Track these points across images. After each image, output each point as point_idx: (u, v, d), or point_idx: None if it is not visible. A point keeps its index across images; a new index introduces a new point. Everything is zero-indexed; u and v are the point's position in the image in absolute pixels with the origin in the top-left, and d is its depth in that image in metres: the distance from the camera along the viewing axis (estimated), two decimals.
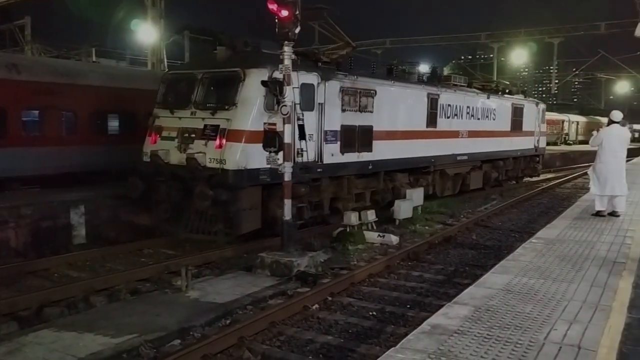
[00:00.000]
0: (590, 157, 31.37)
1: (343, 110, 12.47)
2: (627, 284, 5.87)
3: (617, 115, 10.26)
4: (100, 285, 8.63)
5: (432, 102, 15.97)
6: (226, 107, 10.54)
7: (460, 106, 17.41)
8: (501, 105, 20.32)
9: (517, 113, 21.44)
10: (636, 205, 11.56)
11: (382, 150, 13.74)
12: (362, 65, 14.96)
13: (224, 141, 10.32)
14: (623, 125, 10.38)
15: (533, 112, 22.96)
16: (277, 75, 9.81)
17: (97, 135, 14.88)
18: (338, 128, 12.32)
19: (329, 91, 11.96)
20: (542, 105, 24.27)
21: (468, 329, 4.53)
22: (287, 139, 9.52)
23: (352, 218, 12.13)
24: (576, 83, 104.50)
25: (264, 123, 10.47)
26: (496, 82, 22.42)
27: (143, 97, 16.23)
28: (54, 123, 14.06)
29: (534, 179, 24.58)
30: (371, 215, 12.77)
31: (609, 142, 9.99)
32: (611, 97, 69.33)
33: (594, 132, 10.87)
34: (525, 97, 23.72)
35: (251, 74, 10.43)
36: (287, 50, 9.30)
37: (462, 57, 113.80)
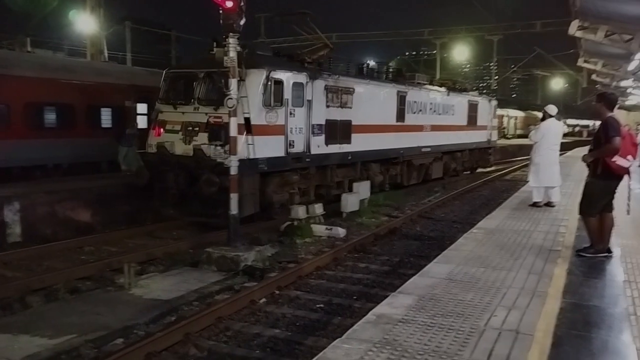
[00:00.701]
0: (528, 150, 32.06)
1: (327, 106, 13.58)
2: (561, 271, 6.12)
3: (552, 109, 10.60)
4: (37, 285, 8.24)
5: (401, 99, 17.32)
6: None
7: (424, 103, 18.85)
8: (459, 102, 21.86)
9: (473, 109, 23.10)
10: (569, 196, 12.09)
11: (360, 143, 14.95)
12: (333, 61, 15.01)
13: None
14: (558, 119, 10.78)
15: (486, 108, 24.67)
16: (274, 75, 11.53)
17: (32, 129, 14.23)
18: (323, 122, 13.43)
19: (316, 89, 13.07)
20: (494, 102, 26.12)
21: (412, 317, 4.60)
22: (232, 132, 9.39)
23: (300, 212, 12.11)
24: (514, 79, 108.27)
25: (211, 116, 10.56)
26: (453, 81, 24.04)
27: (83, 89, 15.69)
28: None
29: (487, 169, 26.20)
30: (319, 208, 12.79)
31: (548, 136, 10.34)
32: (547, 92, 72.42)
33: (532, 127, 11.23)
34: (479, 94, 25.82)
35: (251, 74, 11.35)
36: (232, 42, 9.16)
37: (407, 53, 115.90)
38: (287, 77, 12.13)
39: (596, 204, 6.63)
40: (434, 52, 46.65)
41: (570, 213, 9.95)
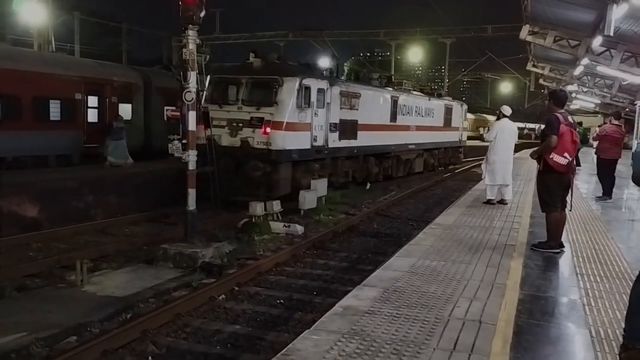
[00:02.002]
0: (479, 151, 33.53)
1: (341, 108, 16.58)
2: (517, 264, 6.32)
3: (507, 109, 10.93)
4: None
5: (394, 103, 20.56)
6: (269, 104, 14.05)
7: (411, 106, 22.09)
8: (437, 106, 25.45)
9: (448, 112, 26.70)
10: (520, 194, 12.51)
11: (363, 139, 17.93)
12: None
13: (268, 129, 13.91)
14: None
15: (458, 111, 28.30)
16: (304, 82, 14.49)
17: None
18: (337, 121, 16.36)
19: (333, 94, 16.10)
20: (465, 106, 29.99)
21: (378, 309, 4.64)
22: (191, 126, 9.25)
23: (258, 208, 12.03)
24: (465, 82, 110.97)
25: (169, 111, 10.63)
26: (430, 87, 28.56)
27: (29, 79, 15.06)
28: None
29: (457, 166, 29.41)
30: (276, 205, 12.75)
31: (502, 135, 10.60)
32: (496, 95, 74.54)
33: (484, 129, 11.63)
34: (452, 99, 29.48)
35: (287, 81, 14.23)
36: (192, 34, 9.02)
37: (361, 54, 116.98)
38: (313, 84, 15.04)
39: (549, 199, 6.81)
40: (388, 53, 47.23)
41: (522, 210, 10.29)
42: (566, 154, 6.50)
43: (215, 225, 11.98)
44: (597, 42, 13.37)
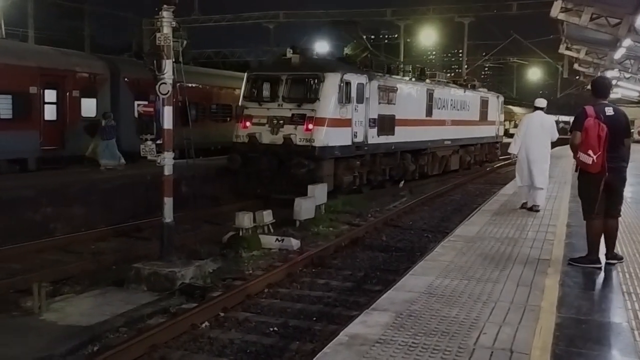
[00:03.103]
0: (505, 150, 34.19)
1: (379, 103, 18.57)
2: (553, 282, 6.31)
3: (539, 101, 11.11)
4: None
5: (430, 96, 22.59)
6: (311, 101, 16.15)
7: (446, 99, 24.24)
8: (473, 98, 27.61)
9: (484, 105, 28.96)
10: (555, 199, 12.52)
11: (401, 134, 19.95)
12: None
13: (311, 125, 15.87)
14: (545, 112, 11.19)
15: (494, 104, 30.61)
16: (346, 78, 16.62)
17: None
18: (376, 116, 18.35)
19: (372, 88, 18.07)
20: (501, 98, 32.60)
21: (391, 337, 4.63)
22: (167, 124, 9.25)
23: (245, 220, 12.05)
24: (486, 69, 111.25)
25: (140, 106, 11.50)
26: (464, 78, 30.72)
27: None
28: None
29: (494, 163, 31.71)
30: (267, 216, 12.76)
31: (530, 128, 10.75)
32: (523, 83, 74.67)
33: (509, 124, 11.87)
34: (488, 90, 32.57)
35: (329, 77, 16.32)
36: (167, 15, 9.06)
37: (365, 36, 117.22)
38: (354, 79, 17.07)
39: (586, 205, 6.90)
40: (396, 36, 47.40)
41: (557, 218, 10.29)
42: (590, 152, 6.56)
43: (197, 239, 11.94)
44: None
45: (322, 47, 55.23)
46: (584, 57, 28.07)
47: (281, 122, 16.16)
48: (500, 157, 32.59)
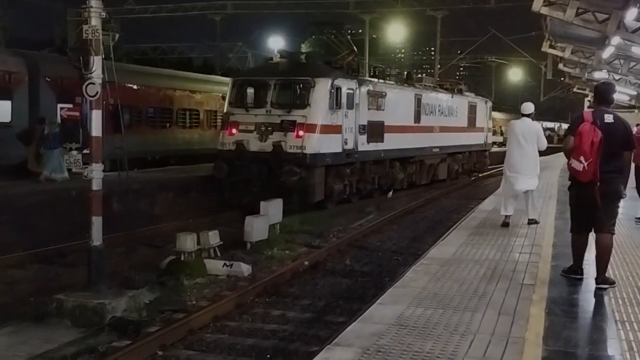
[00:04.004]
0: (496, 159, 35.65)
1: (368, 109, 20.29)
2: (539, 310, 6.40)
3: (525, 107, 11.55)
4: None
5: (418, 101, 24.48)
6: (301, 107, 17.85)
7: (434, 105, 26.07)
8: (461, 103, 29.40)
9: (472, 110, 30.71)
10: (539, 216, 12.72)
11: (390, 142, 21.61)
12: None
13: (301, 132, 17.41)
14: (532, 118, 11.57)
15: (483, 110, 32.41)
16: (336, 83, 18.37)
17: None
18: (365, 123, 20.03)
19: (362, 94, 19.87)
20: (489, 103, 34.41)
21: None
22: (95, 130, 9.12)
23: (188, 242, 11.89)
24: (462, 69, 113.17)
25: (64, 110, 11.26)
26: (450, 82, 32.35)
27: None
28: None
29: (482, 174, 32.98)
30: (213, 237, 12.63)
31: (511, 134, 11.36)
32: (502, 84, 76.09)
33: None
34: (475, 95, 34.04)
35: (319, 82, 17.98)
36: (95, 5, 8.95)
37: (325, 31, 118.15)
38: (344, 84, 18.78)
39: (574, 215, 7.46)
40: (360, 31, 47.87)
41: (542, 238, 10.47)
42: (582, 158, 6.85)
43: (131, 265, 11.83)
44: (631, 15, 13.76)
45: (276, 42, 55.69)
46: (569, 57, 28.76)
47: (270, 128, 17.72)
48: (489, 167, 34.36)
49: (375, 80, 21.69)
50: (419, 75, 28.64)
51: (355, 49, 21.82)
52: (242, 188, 17.82)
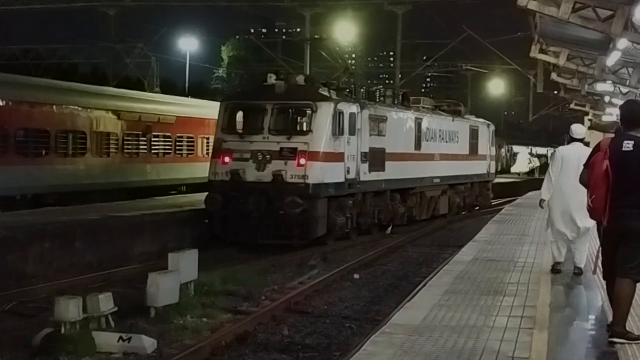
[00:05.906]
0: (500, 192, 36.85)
1: (370, 135, 23.44)
2: None
3: (577, 130, 12.20)
4: None
5: (418, 126, 27.83)
6: (303, 133, 20.98)
7: (434, 129, 29.34)
8: (462, 128, 32.81)
9: (474, 135, 34.00)
10: (531, 269, 12.90)
11: (391, 171, 24.77)
12: None
13: (303, 160, 20.04)
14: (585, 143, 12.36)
15: (485, 134, 35.72)
16: (339, 107, 21.27)
17: None
18: (367, 150, 23.09)
19: (363, 118, 22.97)
20: (492, 127, 37.78)
21: None
22: None
23: (71, 308, 11.63)
24: (428, 79, 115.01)
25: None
26: (447, 102, 35.96)
27: None
28: None
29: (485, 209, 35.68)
30: (105, 302, 12.39)
31: (567, 163, 11.71)
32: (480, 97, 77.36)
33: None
34: (476, 117, 37.79)
35: (322, 106, 20.85)
36: None
37: (252, 31, 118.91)
38: (346, 108, 21.82)
39: (603, 260, 7.85)
40: (298, 30, 48.21)
41: (537, 296, 10.55)
42: (593, 193, 7.58)
43: None
44: None
45: (188, 44, 55.77)
46: (564, 64, 29.14)
47: (268, 156, 20.35)
48: (493, 202, 36.67)
49: (375, 103, 24.95)
50: (418, 97, 31.67)
51: (351, 70, 25.54)
52: (237, 222, 19.96)
